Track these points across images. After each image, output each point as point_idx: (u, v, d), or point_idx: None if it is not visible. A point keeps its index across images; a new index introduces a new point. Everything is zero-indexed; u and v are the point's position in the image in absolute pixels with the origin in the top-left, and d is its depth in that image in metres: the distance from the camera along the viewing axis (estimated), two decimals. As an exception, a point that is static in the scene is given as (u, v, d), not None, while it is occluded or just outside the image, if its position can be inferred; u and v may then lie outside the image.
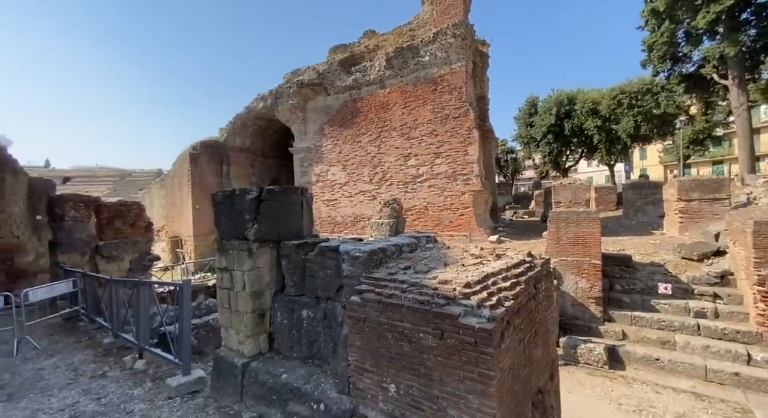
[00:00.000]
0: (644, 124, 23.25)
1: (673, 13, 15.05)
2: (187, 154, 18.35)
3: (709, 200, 9.73)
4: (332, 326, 3.46)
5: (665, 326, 7.12)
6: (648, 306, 7.59)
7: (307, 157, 17.54)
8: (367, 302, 2.81)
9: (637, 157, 39.21)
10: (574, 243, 8.16)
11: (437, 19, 14.11)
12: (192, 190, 17.88)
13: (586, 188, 12.30)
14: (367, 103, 15.58)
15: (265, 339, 3.78)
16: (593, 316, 7.82)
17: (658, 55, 16.98)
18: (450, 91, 13.53)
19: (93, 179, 33.07)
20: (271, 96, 18.08)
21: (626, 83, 24.22)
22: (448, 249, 3.78)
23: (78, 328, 6.04)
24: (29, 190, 8.57)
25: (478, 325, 2.23)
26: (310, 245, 3.74)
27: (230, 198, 3.85)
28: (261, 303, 3.75)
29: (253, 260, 3.67)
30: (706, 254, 8.04)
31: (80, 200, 8.28)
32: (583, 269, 8.04)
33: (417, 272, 3.01)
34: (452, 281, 2.63)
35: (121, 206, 8.13)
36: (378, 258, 3.34)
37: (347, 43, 17.38)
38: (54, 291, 6.03)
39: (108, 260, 7.56)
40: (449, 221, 13.78)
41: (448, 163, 13.69)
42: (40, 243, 8.50)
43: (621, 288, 8.22)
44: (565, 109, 27.07)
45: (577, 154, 30.83)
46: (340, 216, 16.71)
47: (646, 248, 9.51)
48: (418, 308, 2.50)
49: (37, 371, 4.43)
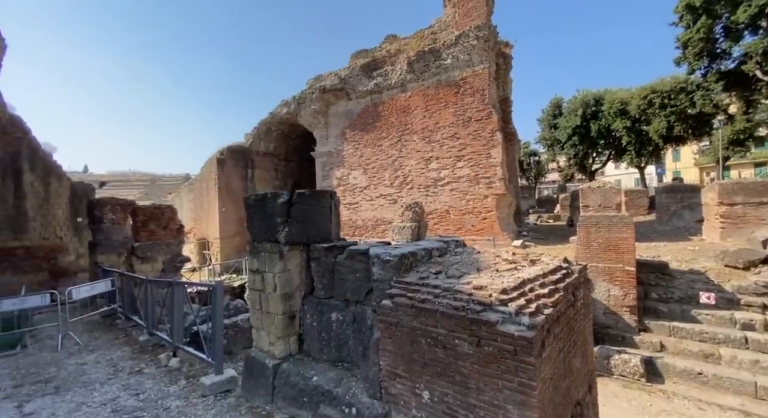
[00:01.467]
0: (678, 124, 22.16)
1: (710, 7, 14.34)
2: (215, 159, 18.97)
3: (755, 204, 9.13)
4: (362, 329, 3.45)
5: (708, 338, 6.70)
6: (688, 316, 7.18)
7: (329, 161, 17.75)
8: (399, 306, 2.79)
9: (669, 159, 37.42)
10: (605, 249, 7.85)
11: (459, 22, 14.01)
12: (219, 194, 18.45)
13: (616, 192, 11.80)
14: (389, 107, 15.63)
15: (295, 341, 3.82)
16: (627, 325, 7.47)
17: (693, 52, 16.21)
18: (472, 93, 13.38)
19: (126, 183, 34.72)
20: (294, 102, 18.45)
21: (658, 82, 23.18)
22: (479, 254, 3.70)
23: (115, 325, 6.32)
24: (71, 194, 9.09)
25: (517, 333, 2.16)
26: (339, 248, 3.76)
27: (262, 202, 3.92)
28: (291, 305, 3.79)
29: (284, 263, 3.72)
30: (753, 262, 7.53)
31: (117, 203, 8.70)
32: (615, 276, 7.71)
33: (449, 276, 2.96)
34: (487, 287, 2.57)
35: (155, 209, 8.48)
36: (408, 262, 3.31)
37: (369, 48, 17.53)
38: (94, 290, 6.33)
39: (143, 260, 7.89)
40: (471, 225, 13.57)
41: (470, 167, 13.51)
42: (80, 243, 8.98)
43: (657, 297, 7.82)
44: (592, 110, 26.19)
45: (604, 156, 29.73)
46: (361, 220, 16.77)
47: (683, 255, 9.03)
48: (453, 314, 2.46)
49: (79, 365, 4.65)
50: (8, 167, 7.73)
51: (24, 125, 8.12)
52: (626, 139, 25.11)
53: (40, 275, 7.71)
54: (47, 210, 8.22)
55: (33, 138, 8.26)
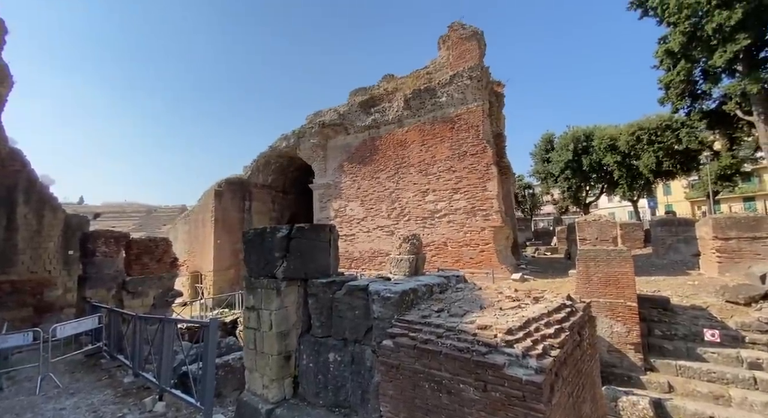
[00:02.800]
0: (666, 159, 22.87)
1: (688, 53, 15.28)
2: (212, 191, 19.04)
3: (749, 239, 9.21)
4: (360, 371, 3.30)
5: (716, 378, 6.47)
6: (694, 355, 6.97)
7: (326, 193, 17.89)
8: (400, 347, 2.69)
9: (660, 192, 38.18)
10: (605, 283, 7.77)
11: (453, 63, 14.77)
12: (215, 226, 18.32)
13: (612, 225, 11.89)
14: (386, 141, 16.03)
15: (290, 383, 3.63)
16: (633, 364, 7.23)
17: (675, 93, 17.03)
18: (467, 129, 13.82)
19: (122, 215, 34.49)
20: (293, 136, 18.90)
21: (644, 119, 24.19)
22: (480, 290, 3.64)
23: (99, 365, 5.99)
24: (65, 226, 8.96)
25: (525, 377, 2.08)
26: (338, 284, 3.69)
27: (261, 236, 3.89)
28: (287, 345, 3.65)
29: (281, 299, 3.63)
30: (753, 298, 7.46)
31: (111, 236, 8.57)
32: (617, 312, 7.56)
33: (452, 314, 2.89)
34: (492, 327, 2.51)
35: (149, 242, 8.36)
36: (409, 299, 3.25)
37: (367, 86, 18.31)
38: (80, 327, 6.07)
39: (133, 295, 7.65)
40: (469, 258, 13.48)
41: (466, 199, 13.66)
42: (69, 278, 8.72)
43: (661, 334, 7.63)
44: (582, 145, 27.04)
45: (597, 189, 30.32)
46: (358, 251, 16.62)
47: (684, 290, 8.94)
48: (457, 356, 2.37)
49: (57, 411, 4.35)
50: (3, 199, 7.68)
51: (23, 158, 8.17)
52: (618, 174, 25.74)
53: (24, 310, 7.41)
54: (38, 243, 8.06)
55: (31, 171, 8.27)
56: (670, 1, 14.74)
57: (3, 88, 7.70)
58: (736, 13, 12.81)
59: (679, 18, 14.53)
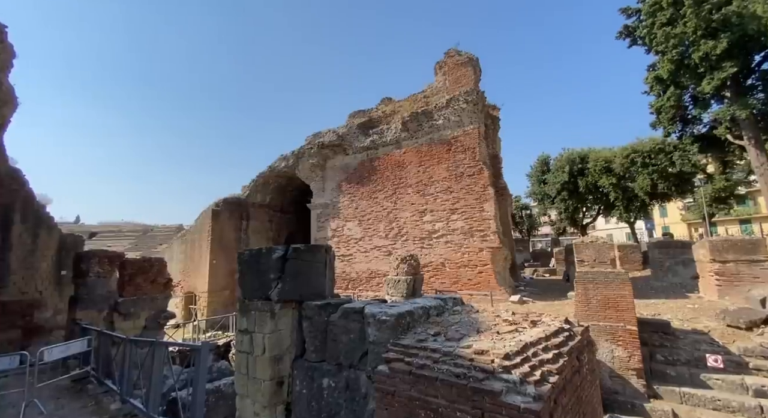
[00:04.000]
0: (661, 182, 23.14)
1: (677, 79, 15.80)
2: (210, 210, 19.03)
3: (747, 262, 9.20)
4: (355, 398, 3.21)
5: (722, 406, 6.29)
6: (698, 381, 6.81)
7: (324, 212, 17.92)
8: (396, 372, 2.63)
9: (657, 214, 38.40)
10: (605, 306, 7.69)
11: (450, 87, 15.21)
12: (211, 246, 18.19)
13: (609, 247, 11.88)
14: (384, 162, 16.23)
15: (282, 411, 3.51)
16: (636, 391, 7.04)
17: (667, 118, 17.46)
18: (464, 150, 14.05)
19: (118, 234, 34.27)
20: (292, 156, 19.13)
21: (637, 143, 24.64)
22: (477, 313, 3.60)
23: (86, 391, 5.78)
24: (59, 246, 8.89)
25: (523, 405, 2.03)
26: (334, 306, 3.64)
27: (256, 257, 3.87)
28: (280, 369, 3.55)
29: (275, 322, 3.57)
30: (755, 322, 7.37)
31: (105, 256, 8.47)
32: (618, 336, 7.44)
33: (448, 339, 2.84)
34: (489, 352, 2.46)
35: (144, 263, 8.25)
36: (406, 322, 3.20)
37: (366, 109, 18.74)
38: (69, 350, 5.90)
39: (125, 316, 7.47)
40: (468, 279, 13.35)
41: (464, 220, 13.69)
42: (60, 299, 8.56)
43: (663, 359, 7.49)
44: (578, 167, 27.38)
45: (594, 211, 30.46)
46: (355, 272, 16.47)
47: (684, 313, 8.84)
48: (454, 383, 2.32)
49: (38, 440, 4.16)
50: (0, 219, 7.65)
51: (22, 178, 8.19)
52: (614, 195, 25.95)
53: (11, 332, 7.21)
54: (31, 263, 7.96)
55: (29, 190, 8.28)
56: (657, 32, 15.39)
57: (7, 109, 7.83)
58: (722, 42, 13.35)
59: (667, 47, 15.12)
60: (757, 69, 14.85)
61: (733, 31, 13.37)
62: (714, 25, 13.75)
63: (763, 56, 14.58)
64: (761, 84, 14.76)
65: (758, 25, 12.88)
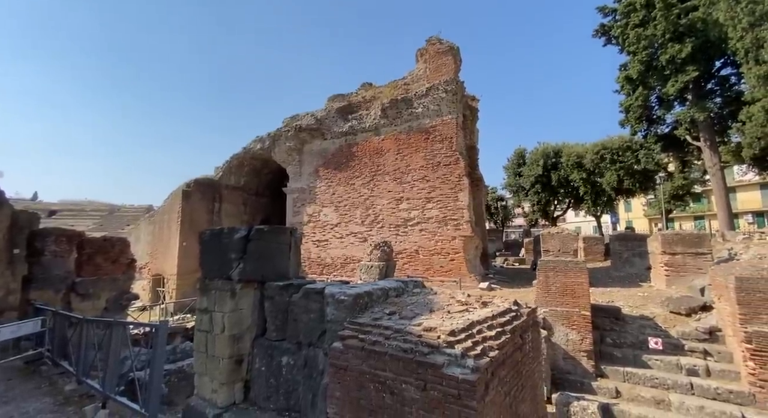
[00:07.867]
0: (626, 178, 24.33)
1: (645, 80, 16.52)
2: (180, 191, 18.40)
3: (692, 254, 9.94)
4: (312, 374, 3.31)
5: (658, 384, 6.88)
6: (640, 362, 7.39)
7: (301, 197, 17.73)
8: (349, 348, 2.73)
9: (622, 209, 40.39)
10: (563, 293, 8.12)
11: (430, 76, 15.19)
12: (181, 228, 17.66)
13: (573, 238, 12.48)
14: (362, 148, 16.15)
15: (240, 388, 3.57)
16: (585, 371, 7.56)
17: (634, 117, 18.30)
18: (441, 140, 14.18)
19: (80, 213, 32.57)
20: (269, 138, 18.68)
21: (607, 139, 25.71)
22: (435, 295, 3.75)
23: (39, 372, 5.61)
24: (11, 223, 8.39)
25: (461, 376, 2.17)
26: (296, 287, 3.69)
27: (218, 237, 3.85)
28: (239, 348, 3.60)
29: (236, 301, 3.59)
30: (693, 309, 8.03)
31: (62, 235, 8.08)
32: (573, 321, 7.92)
33: (402, 317, 2.97)
34: (437, 329, 2.60)
35: (104, 242, 7.95)
36: (363, 302, 3.30)
37: (345, 93, 18.44)
38: (20, 331, 5.68)
39: (83, 297, 7.22)
40: (440, 266, 13.69)
41: (439, 208, 13.93)
42: (13, 278, 8.13)
43: (612, 342, 8.05)
44: (552, 161, 28.30)
45: (565, 204, 31.70)
46: (330, 257, 16.50)
47: (635, 301, 9.48)
48: (401, 357, 2.44)
49: (-15, 420, 4.04)
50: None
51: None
52: (583, 190, 27.07)
53: (-42, 312, 6.84)
54: (-20, 239, 7.50)
55: (-23, 161, 7.74)
56: (630, 32, 15.91)
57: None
58: (687, 47, 14.00)
59: (638, 48, 15.69)
60: (716, 74, 15.71)
61: (697, 37, 14.04)
62: (681, 30, 14.37)
63: (722, 62, 15.42)
64: (719, 89, 15.65)
65: (719, 32, 13.57)
